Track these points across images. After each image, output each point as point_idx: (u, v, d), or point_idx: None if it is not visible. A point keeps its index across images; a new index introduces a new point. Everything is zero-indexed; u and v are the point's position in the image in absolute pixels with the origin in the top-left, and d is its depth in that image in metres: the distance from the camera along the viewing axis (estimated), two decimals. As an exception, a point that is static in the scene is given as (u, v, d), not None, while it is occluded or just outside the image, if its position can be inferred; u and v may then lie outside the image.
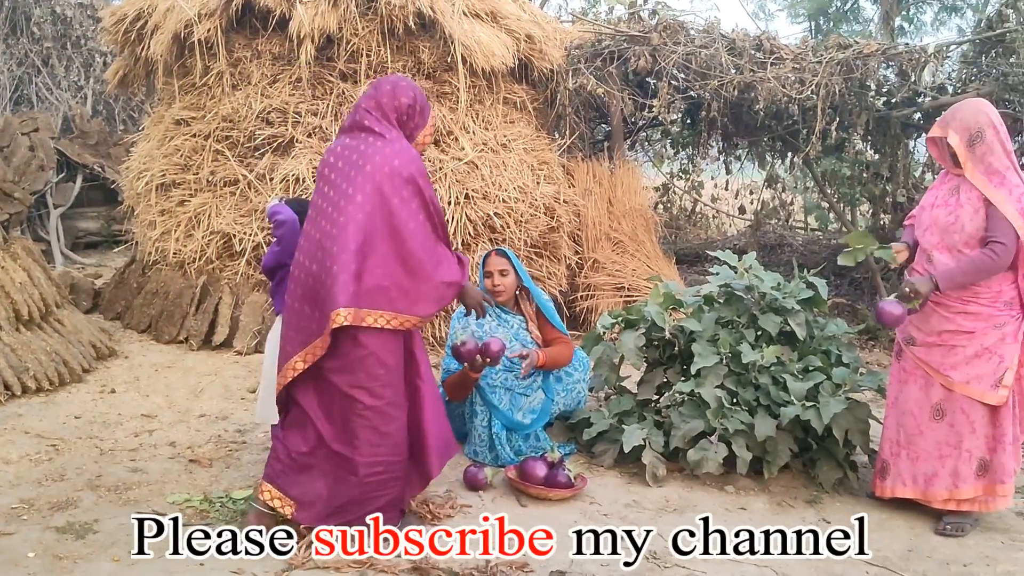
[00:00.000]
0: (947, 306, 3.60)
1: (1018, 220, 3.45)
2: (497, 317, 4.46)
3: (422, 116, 3.38)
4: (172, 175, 6.44)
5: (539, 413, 4.43)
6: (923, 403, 3.72)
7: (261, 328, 5.99)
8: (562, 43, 7.28)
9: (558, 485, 3.87)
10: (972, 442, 3.63)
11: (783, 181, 10.43)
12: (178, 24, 6.22)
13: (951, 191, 3.64)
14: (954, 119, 3.61)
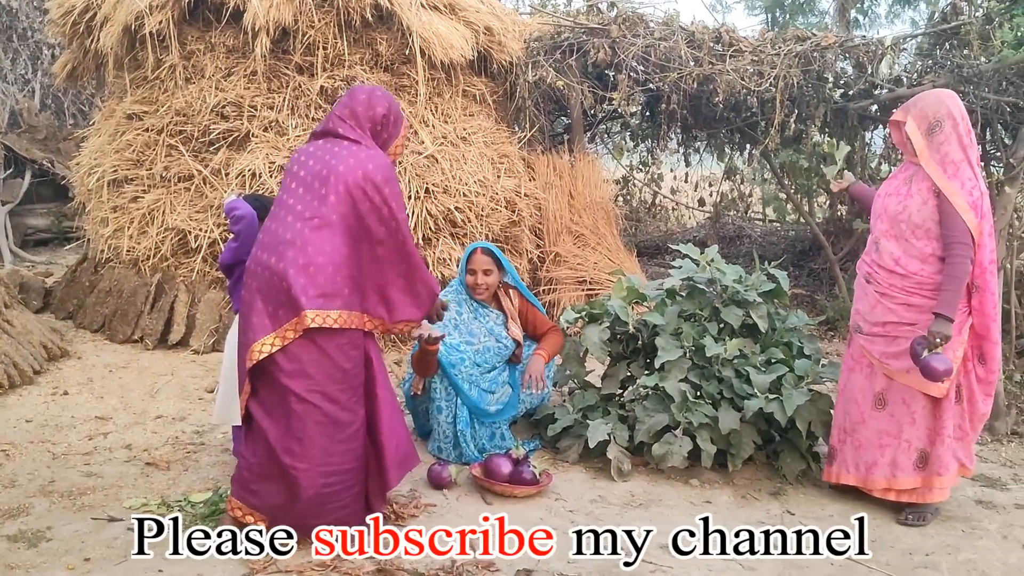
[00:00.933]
0: (891, 297, 3.63)
1: (968, 213, 3.47)
2: (473, 311, 4.42)
3: (395, 127, 3.37)
4: (124, 171, 6.29)
5: (505, 405, 4.39)
6: (867, 391, 3.77)
7: (219, 326, 5.88)
8: (521, 35, 7.23)
9: (523, 482, 3.84)
10: (911, 432, 3.66)
11: (742, 173, 10.49)
12: (129, 16, 6.06)
13: (905, 181, 3.67)
14: (915, 106, 3.64)
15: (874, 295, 3.69)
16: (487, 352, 4.39)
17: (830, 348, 6.86)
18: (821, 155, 7.99)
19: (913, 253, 3.58)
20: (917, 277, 3.57)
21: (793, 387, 4.05)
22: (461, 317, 4.36)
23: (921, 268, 3.56)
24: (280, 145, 6.03)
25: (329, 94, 6.20)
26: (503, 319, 4.49)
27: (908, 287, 3.59)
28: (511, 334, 4.47)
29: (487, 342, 4.39)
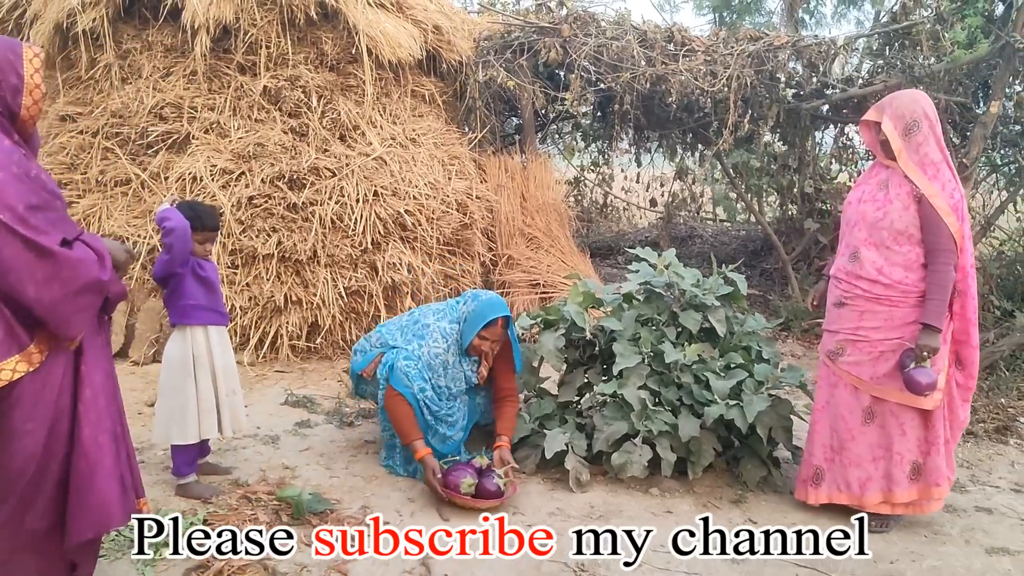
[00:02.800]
0: (874, 312, 3.52)
1: (950, 217, 3.36)
2: (463, 361, 4.11)
3: (11, 77, 2.38)
4: (58, 175, 6.00)
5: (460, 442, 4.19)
6: (854, 407, 3.64)
7: (159, 336, 5.66)
8: (471, 34, 7.12)
9: (487, 494, 3.70)
10: (903, 445, 3.56)
11: (693, 173, 10.49)
12: (60, 13, 5.82)
13: (879, 186, 3.54)
14: (890, 106, 3.50)
15: (854, 313, 3.56)
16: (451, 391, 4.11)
17: (784, 348, 6.84)
18: (772, 155, 8.02)
19: (896, 261, 3.45)
20: (902, 286, 3.45)
21: (753, 392, 3.97)
22: (441, 359, 4.04)
23: (905, 276, 3.44)
24: (222, 147, 5.82)
25: (272, 94, 6.01)
26: (477, 363, 4.18)
27: (893, 297, 3.46)
28: (479, 375, 4.17)
29: (462, 387, 4.16)
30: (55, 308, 2.33)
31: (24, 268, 2.27)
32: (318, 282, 5.82)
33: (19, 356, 2.32)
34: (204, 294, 3.64)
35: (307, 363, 5.89)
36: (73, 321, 2.39)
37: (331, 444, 4.46)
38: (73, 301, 2.37)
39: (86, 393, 2.51)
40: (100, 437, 2.53)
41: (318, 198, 5.83)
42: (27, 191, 2.28)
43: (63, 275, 2.33)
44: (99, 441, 2.53)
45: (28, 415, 2.38)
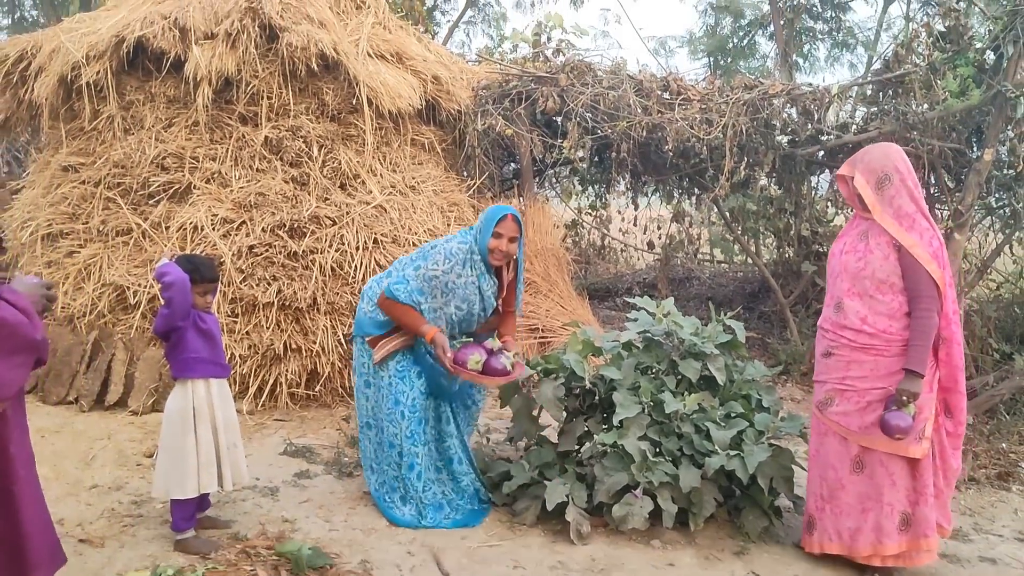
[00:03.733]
0: (860, 363, 3.54)
1: (931, 264, 3.41)
2: (480, 278, 4.06)
3: None
4: (59, 225, 6.06)
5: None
6: (843, 456, 3.64)
7: (158, 385, 5.65)
8: (469, 84, 7.20)
9: (493, 372, 3.86)
10: (893, 495, 3.54)
11: (690, 217, 10.55)
12: (65, 66, 5.90)
13: (859, 236, 3.60)
14: (861, 161, 3.58)
15: (841, 363, 3.59)
16: (471, 318, 4.13)
17: (783, 392, 6.84)
18: (768, 198, 8.08)
19: (880, 310, 3.49)
20: (886, 335, 3.47)
21: (754, 442, 3.97)
22: (460, 280, 4.01)
23: (889, 325, 3.48)
24: (223, 197, 5.87)
25: (274, 144, 6.07)
26: (497, 288, 4.19)
27: (878, 346, 3.49)
28: (497, 302, 4.25)
29: (475, 308, 4.11)
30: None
31: None
32: (318, 330, 5.83)
33: None
34: (206, 347, 3.65)
35: (306, 411, 5.89)
36: (8, 384, 2.35)
37: (330, 495, 4.44)
38: (5, 363, 2.32)
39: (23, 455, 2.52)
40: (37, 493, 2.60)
41: (318, 246, 5.87)
42: None
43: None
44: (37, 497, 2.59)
45: None
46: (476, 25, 20.36)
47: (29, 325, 2.38)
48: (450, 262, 3.97)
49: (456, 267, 3.99)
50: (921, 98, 5.80)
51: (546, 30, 8.83)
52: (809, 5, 15.98)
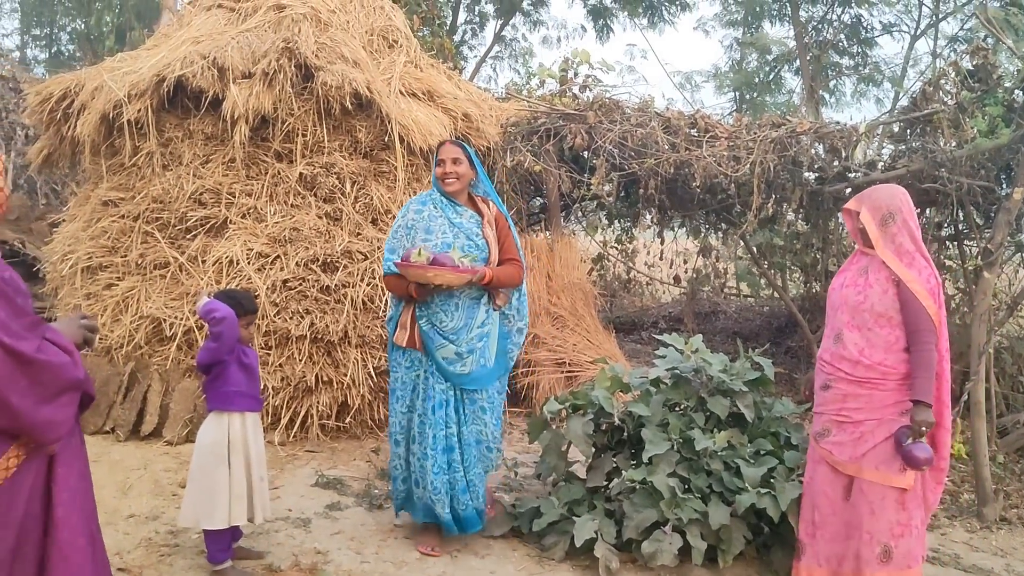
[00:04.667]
0: (856, 396, 3.61)
1: (928, 300, 3.51)
2: (442, 208, 4.11)
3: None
4: (99, 258, 6.20)
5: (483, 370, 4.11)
6: (835, 483, 3.71)
7: (193, 416, 5.75)
8: (498, 120, 7.31)
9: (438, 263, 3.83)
10: (872, 525, 3.57)
11: (716, 250, 10.58)
12: (107, 104, 6.06)
13: (860, 272, 3.71)
14: (869, 198, 3.71)
15: (838, 395, 3.66)
16: (448, 249, 3.98)
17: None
18: (795, 234, 8.12)
19: (877, 343, 3.57)
20: (882, 367, 3.55)
21: (784, 480, 4.00)
22: (421, 215, 4.09)
23: (885, 358, 3.55)
24: (258, 232, 5.99)
25: (308, 181, 6.20)
26: (478, 220, 4.14)
27: (874, 379, 3.56)
28: (485, 235, 4.11)
29: (457, 241, 4.03)
30: (36, 414, 2.33)
31: (6, 378, 2.25)
32: (349, 362, 5.91)
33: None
34: (245, 380, 3.74)
35: (336, 442, 5.96)
36: (55, 425, 2.39)
37: (361, 528, 4.50)
38: (53, 405, 2.37)
39: (63, 496, 2.50)
40: (79, 539, 2.54)
41: (350, 280, 5.97)
42: (3, 297, 2.29)
43: (43, 379, 2.33)
44: (78, 544, 2.53)
45: (2, 522, 2.36)
46: (503, 60, 20.63)
47: (72, 364, 2.44)
48: (406, 208, 4.17)
49: (413, 208, 4.15)
50: (949, 136, 5.84)
51: (573, 66, 8.96)
52: (835, 40, 16.06)
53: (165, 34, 7.15)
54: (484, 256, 4.06)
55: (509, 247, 4.17)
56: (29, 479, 2.41)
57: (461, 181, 4.10)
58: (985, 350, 5.16)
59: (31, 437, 2.37)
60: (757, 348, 5.17)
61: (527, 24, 20.08)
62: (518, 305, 4.29)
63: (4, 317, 2.26)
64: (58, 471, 2.48)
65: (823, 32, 16.66)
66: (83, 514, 2.56)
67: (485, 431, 4.13)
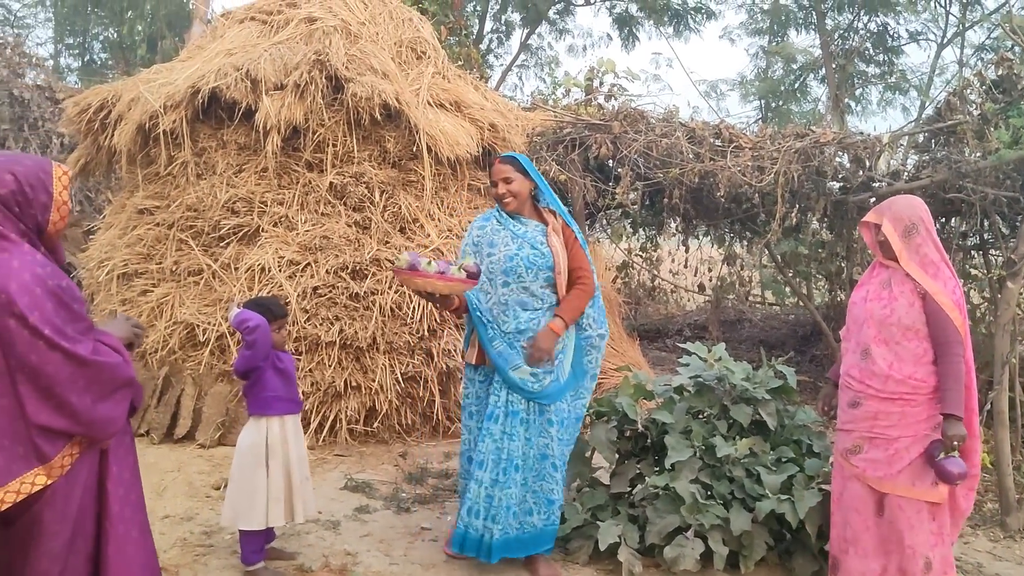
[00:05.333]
0: (888, 413, 3.56)
1: (954, 312, 3.47)
2: (506, 223, 4.00)
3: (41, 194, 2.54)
4: (135, 265, 6.37)
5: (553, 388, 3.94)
6: (867, 499, 3.66)
7: (225, 420, 5.89)
8: (524, 130, 7.40)
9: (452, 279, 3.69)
10: (913, 539, 3.55)
11: (741, 259, 10.61)
12: (143, 115, 6.22)
13: (882, 284, 3.66)
14: (889, 209, 3.66)
15: (869, 412, 3.61)
16: (518, 268, 3.88)
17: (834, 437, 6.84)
18: (820, 243, 8.15)
19: (906, 356, 3.54)
20: (912, 381, 3.51)
21: (804, 488, 4.05)
22: (484, 231, 4.02)
23: (914, 371, 3.52)
24: (290, 240, 6.13)
25: (338, 190, 6.33)
26: (543, 230, 4.00)
27: (905, 394, 3.52)
28: (550, 244, 3.95)
29: (520, 252, 3.90)
30: (94, 412, 2.49)
31: (67, 380, 2.42)
32: (377, 368, 6.03)
33: (40, 468, 2.46)
34: (282, 385, 3.86)
35: (365, 447, 6.07)
36: (111, 422, 2.55)
37: (390, 530, 4.59)
38: (109, 402, 2.54)
39: (118, 492, 2.66)
40: (133, 532, 2.70)
41: (379, 288, 6.09)
42: (63, 303, 2.45)
43: (100, 379, 2.51)
44: (132, 536, 2.70)
45: (59, 516, 2.51)
46: (529, 68, 20.74)
47: (124, 363, 2.60)
48: (471, 228, 4.13)
49: (476, 226, 4.10)
50: (974, 147, 5.86)
51: (598, 75, 9.06)
52: (862, 49, 16.04)
53: (199, 46, 7.32)
54: (549, 265, 3.92)
55: (576, 255, 4.03)
56: (83, 475, 2.57)
57: (518, 199, 3.98)
58: (1008, 360, 5.17)
59: (88, 435, 2.51)
60: (782, 356, 5.22)
61: (553, 33, 20.19)
62: (595, 314, 4.13)
63: (60, 323, 2.42)
64: (111, 468, 2.66)
65: (849, 40, 16.64)
66: (135, 508, 2.74)
67: (551, 445, 3.95)
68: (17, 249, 2.45)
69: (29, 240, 2.51)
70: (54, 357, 2.41)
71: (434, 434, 6.35)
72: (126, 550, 2.68)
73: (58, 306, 2.43)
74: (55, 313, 2.41)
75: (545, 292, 3.94)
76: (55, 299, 2.42)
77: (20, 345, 2.38)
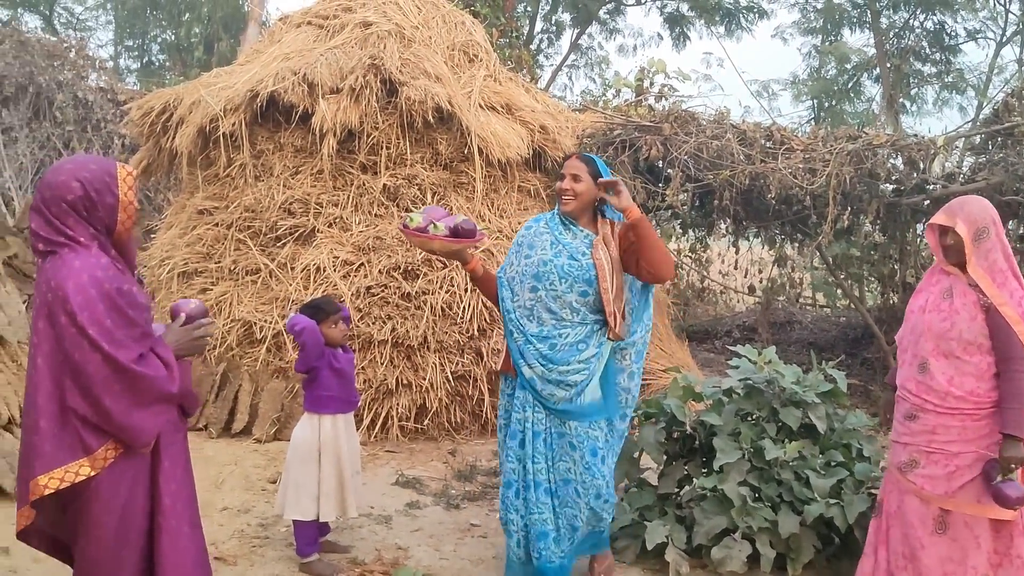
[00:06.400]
0: (948, 429, 3.40)
1: (1020, 325, 3.29)
2: (553, 227, 3.69)
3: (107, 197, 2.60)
4: (194, 264, 6.57)
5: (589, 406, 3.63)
6: (924, 516, 3.49)
7: (280, 415, 6.04)
8: (574, 132, 7.46)
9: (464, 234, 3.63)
10: (977, 558, 3.39)
11: (792, 261, 10.52)
12: (204, 118, 6.42)
13: (943, 295, 3.46)
14: (962, 210, 3.44)
15: (927, 426, 3.44)
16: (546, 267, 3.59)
17: (885, 442, 6.77)
18: (872, 245, 8.08)
19: (967, 371, 3.36)
20: (974, 397, 3.35)
21: (854, 492, 4.05)
22: (528, 232, 3.74)
23: (977, 386, 3.35)
24: (344, 241, 6.27)
25: (391, 192, 6.46)
26: (591, 240, 3.63)
27: (966, 410, 3.36)
28: (594, 256, 3.57)
29: (552, 257, 3.60)
30: (127, 418, 2.54)
31: (102, 381, 2.49)
32: (427, 366, 6.14)
33: (84, 459, 2.54)
34: (338, 384, 3.98)
35: (415, 443, 6.18)
36: (142, 432, 2.59)
37: (440, 526, 4.69)
38: (145, 412, 2.58)
39: (171, 487, 2.74)
40: (184, 527, 2.78)
41: (430, 288, 6.20)
42: (116, 307, 2.52)
43: (137, 388, 2.55)
44: (184, 530, 2.78)
45: (105, 507, 2.60)
46: (579, 68, 20.78)
47: (167, 379, 2.64)
48: (529, 223, 3.83)
49: (528, 224, 3.82)
50: (1030, 149, 5.80)
51: (649, 75, 9.07)
52: (917, 47, 15.79)
53: (257, 50, 7.50)
54: (587, 278, 3.54)
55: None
56: (131, 471, 2.65)
57: (579, 200, 3.63)
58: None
59: (119, 438, 2.58)
60: (832, 360, 5.20)
61: (603, 33, 20.22)
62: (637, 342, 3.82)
63: (111, 325, 2.51)
64: (163, 463, 2.73)
65: (904, 39, 16.38)
66: (187, 504, 2.83)
67: (574, 469, 3.63)
68: (84, 251, 2.54)
69: (99, 242, 2.61)
70: (95, 358, 2.48)
71: (483, 432, 6.43)
72: (178, 544, 2.76)
73: (110, 309, 2.50)
74: (106, 315, 2.49)
75: (579, 306, 3.58)
76: (108, 302, 2.50)
77: (68, 341, 2.47)
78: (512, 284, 3.71)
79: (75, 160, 2.64)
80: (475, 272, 3.83)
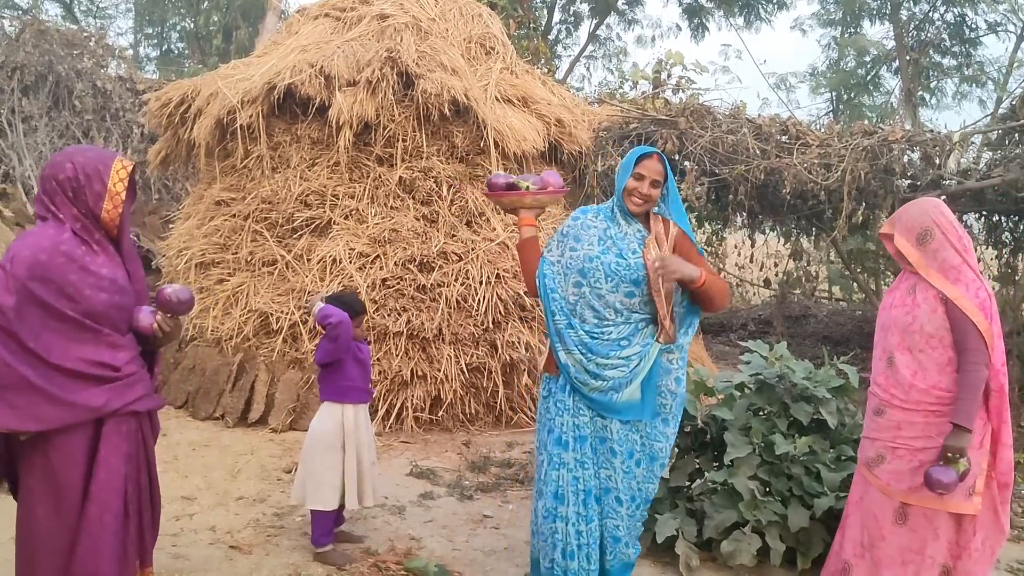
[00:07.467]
0: (912, 424, 3.43)
1: (978, 316, 3.34)
2: (606, 218, 3.48)
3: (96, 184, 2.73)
4: (211, 254, 6.63)
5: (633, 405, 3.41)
6: (885, 506, 3.54)
7: (296, 405, 6.10)
8: (590, 125, 7.47)
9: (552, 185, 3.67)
10: (935, 548, 3.44)
11: (808, 255, 10.50)
12: (222, 110, 6.47)
13: (908, 291, 3.53)
14: (900, 220, 3.56)
15: (892, 421, 3.48)
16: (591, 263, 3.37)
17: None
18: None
19: (929, 364, 3.41)
20: (936, 391, 3.38)
21: (863, 487, 4.06)
22: (576, 222, 3.50)
23: (939, 380, 3.38)
24: (360, 232, 6.32)
25: (407, 184, 6.50)
26: (642, 237, 3.43)
27: (928, 404, 3.40)
28: (645, 258, 3.35)
29: (599, 253, 3.39)
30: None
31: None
32: (442, 358, 6.18)
33: None
34: (359, 375, 4.04)
35: (429, 434, 6.23)
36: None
37: (453, 517, 4.74)
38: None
39: (100, 474, 2.80)
40: (106, 516, 2.81)
41: (445, 280, 6.24)
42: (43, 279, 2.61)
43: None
44: (104, 520, 2.81)
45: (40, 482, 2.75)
46: (597, 59, 20.73)
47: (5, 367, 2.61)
48: (577, 214, 3.58)
49: (576, 213, 3.57)
50: (1048, 146, 5.77)
51: (666, 67, 9.05)
52: (937, 40, 15.66)
53: (275, 42, 7.56)
54: (634, 278, 3.33)
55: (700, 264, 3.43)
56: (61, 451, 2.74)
57: (648, 204, 3.42)
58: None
59: None
60: (846, 354, 5.21)
61: (621, 23, 20.16)
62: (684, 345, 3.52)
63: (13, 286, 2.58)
64: (100, 451, 2.81)
65: (924, 32, 16.25)
66: (114, 494, 2.84)
67: (615, 478, 3.47)
68: (55, 225, 2.69)
69: (82, 224, 2.73)
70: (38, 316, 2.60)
71: (497, 424, 6.48)
72: (92, 530, 2.80)
73: (32, 278, 2.59)
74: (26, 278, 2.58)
75: (625, 307, 3.37)
76: (40, 269, 2.60)
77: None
78: (555, 272, 3.49)
79: (80, 147, 2.81)
80: (535, 232, 3.66)
